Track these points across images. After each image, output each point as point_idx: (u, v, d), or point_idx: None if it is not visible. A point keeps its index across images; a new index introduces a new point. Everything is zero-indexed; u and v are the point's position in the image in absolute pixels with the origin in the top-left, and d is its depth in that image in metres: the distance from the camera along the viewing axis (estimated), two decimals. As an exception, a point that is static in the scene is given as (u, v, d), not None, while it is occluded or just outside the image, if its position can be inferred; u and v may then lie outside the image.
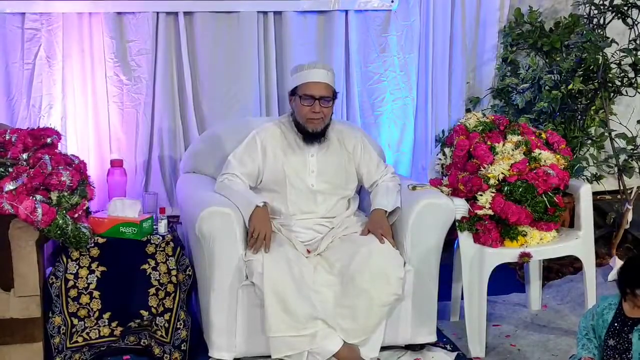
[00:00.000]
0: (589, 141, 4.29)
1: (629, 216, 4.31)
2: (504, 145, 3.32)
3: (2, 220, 2.89)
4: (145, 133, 4.02)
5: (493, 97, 4.47)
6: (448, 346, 3.31)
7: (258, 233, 3.01)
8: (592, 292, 3.40)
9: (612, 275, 3.87)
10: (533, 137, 3.39)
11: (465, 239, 3.24)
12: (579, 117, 4.27)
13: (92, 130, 3.95)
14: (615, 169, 4.33)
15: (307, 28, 4.19)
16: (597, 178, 4.30)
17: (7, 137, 3.17)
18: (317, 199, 3.31)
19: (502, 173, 3.21)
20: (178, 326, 3.09)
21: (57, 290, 3.01)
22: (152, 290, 3.07)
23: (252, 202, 3.07)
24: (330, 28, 4.23)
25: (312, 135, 3.28)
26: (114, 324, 3.09)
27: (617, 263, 3.97)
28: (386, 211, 3.22)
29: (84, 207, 3.06)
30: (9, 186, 2.96)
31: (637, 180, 4.38)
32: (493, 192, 3.19)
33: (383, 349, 3.13)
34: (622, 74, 4.25)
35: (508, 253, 3.22)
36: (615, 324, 2.73)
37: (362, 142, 3.45)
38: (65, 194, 3.01)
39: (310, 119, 3.21)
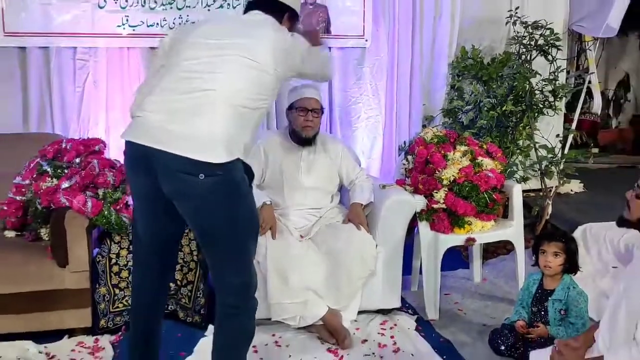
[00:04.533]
0: (518, 151, 4.29)
1: (549, 209, 4.35)
2: (454, 153, 3.30)
3: (59, 211, 2.84)
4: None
5: (443, 115, 4.46)
6: (410, 311, 3.29)
7: (266, 224, 2.99)
8: (521, 268, 3.40)
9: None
10: (476, 148, 3.38)
11: (423, 227, 3.22)
12: (510, 132, 4.27)
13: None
14: (539, 172, 4.34)
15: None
16: (524, 179, 4.31)
17: (64, 146, 3.15)
18: (307, 194, 3.27)
19: (453, 175, 3.20)
20: (198, 295, 3.04)
21: (103, 266, 2.97)
22: (178, 267, 3.01)
23: (259, 200, 3.04)
24: (318, 61, 4.19)
25: (305, 140, 3.24)
26: (147, 293, 3.05)
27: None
28: (362, 204, 3.20)
29: (125, 201, 3.00)
30: (65, 184, 2.93)
31: (555, 181, 4.40)
32: (446, 191, 3.18)
33: (359, 313, 3.11)
34: (544, 99, 4.27)
35: (457, 238, 3.21)
36: (537, 295, 2.77)
37: (342, 149, 3.42)
38: (110, 190, 2.97)
39: (304, 126, 3.18)
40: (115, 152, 3.84)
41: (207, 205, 2.00)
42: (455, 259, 3.89)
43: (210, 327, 2.89)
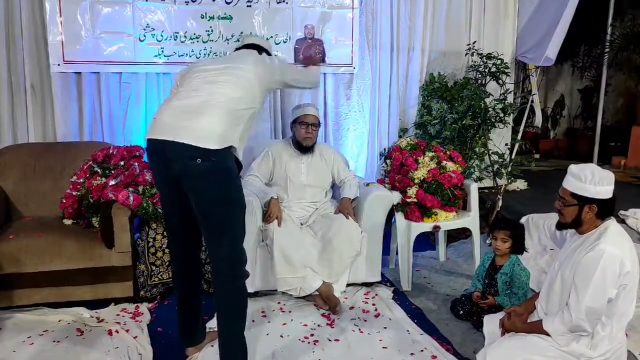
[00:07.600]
0: (475, 156, 4.29)
1: (500, 203, 4.33)
2: (423, 158, 3.29)
3: (107, 203, 2.83)
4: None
5: (415, 128, 4.45)
6: (388, 284, 3.28)
7: (273, 215, 2.98)
8: (477, 250, 3.39)
9: (489, 240, 3.87)
10: (441, 154, 3.37)
11: (399, 217, 3.21)
12: (469, 141, 4.26)
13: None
14: (491, 173, 4.33)
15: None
16: (480, 179, 4.30)
17: (111, 151, 3.14)
18: (306, 190, 3.25)
19: (423, 176, 3.19)
20: (219, 271, 3.03)
21: (142, 248, 2.95)
22: (202, 249, 2.98)
23: (268, 195, 3.03)
24: (316, 84, 4.18)
25: (305, 148, 3.23)
26: (178, 269, 3.03)
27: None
28: (350, 199, 3.18)
29: (160, 196, 3.00)
30: (112, 182, 2.92)
31: (504, 181, 4.39)
32: (417, 188, 3.17)
33: (347, 285, 3.10)
34: (496, 115, 4.25)
35: (426, 226, 3.20)
36: (490, 270, 2.76)
37: (334, 155, 3.40)
38: (148, 187, 2.95)
39: (305, 137, 3.18)
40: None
41: (203, 184, 2.04)
42: (425, 242, 3.89)
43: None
